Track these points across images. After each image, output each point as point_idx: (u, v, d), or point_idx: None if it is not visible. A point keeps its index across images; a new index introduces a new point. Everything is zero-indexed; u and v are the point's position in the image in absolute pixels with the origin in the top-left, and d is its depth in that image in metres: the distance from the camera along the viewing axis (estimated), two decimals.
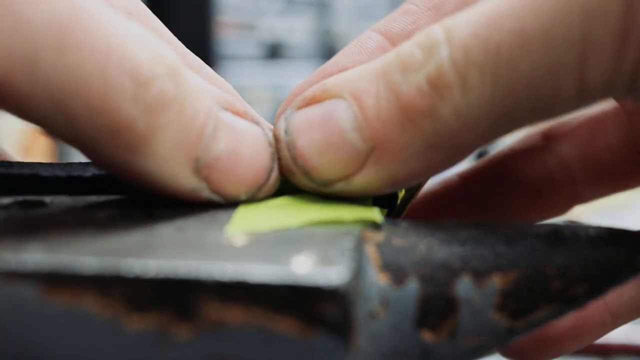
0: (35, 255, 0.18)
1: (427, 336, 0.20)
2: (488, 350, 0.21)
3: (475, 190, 0.31)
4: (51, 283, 0.18)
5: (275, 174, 0.23)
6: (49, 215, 0.22)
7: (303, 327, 0.17)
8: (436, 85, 0.21)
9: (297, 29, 1.63)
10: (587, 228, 0.22)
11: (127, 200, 0.24)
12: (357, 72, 0.22)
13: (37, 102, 0.19)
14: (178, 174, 0.21)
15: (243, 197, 0.23)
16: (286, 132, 0.23)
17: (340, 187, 0.23)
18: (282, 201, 0.24)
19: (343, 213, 0.22)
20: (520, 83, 0.20)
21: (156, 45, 0.21)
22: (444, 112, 0.21)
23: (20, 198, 0.24)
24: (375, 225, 0.22)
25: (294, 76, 1.64)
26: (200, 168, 0.22)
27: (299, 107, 0.23)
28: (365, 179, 0.22)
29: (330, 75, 0.24)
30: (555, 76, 0.20)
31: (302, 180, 0.23)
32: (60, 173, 0.25)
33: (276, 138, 0.23)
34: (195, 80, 0.22)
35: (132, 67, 0.20)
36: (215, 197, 0.22)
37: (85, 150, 0.21)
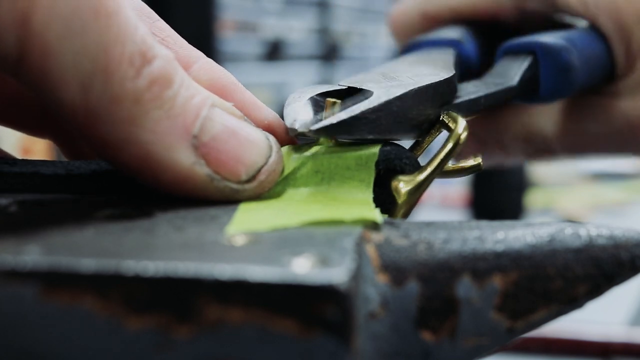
0: (35, 256, 0.18)
1: (427, 337, 0.20)
2: (488, 351, 0.21)
3: None
4: (50, 283, 0.18)
5: (273, 159, 0.24)
6: (49, 215, 0.22)
7: (303, 328, 0.17)
8: None
9: (298, 29, 1.63)
10: (587, 228, 0.22)
11: (127, 200, 0.24)
12: None
13: (59, 62, 0.21)
14: (176, 147, 0.22)
15: (244, 177, 0.23)
16: None
17: None
18: (282, 201, 0.24)
19: (343, 213, 0.22)
20: None
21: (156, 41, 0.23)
22: None
23: (19, 197, 0.24)
24: (375, 226, 0.22)
25: (295, 75, 1.64)
26: (197, 145, 0.23)
27: None
28: None
29: None
30: None
31: None
32: (61, 171, 0.25)
33: None
34: (188, 76, 0.23)
35: (143, 46, 0.22)
36: (216, 178, 0.23)
37: (86, 124, 0.22)
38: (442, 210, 1.24)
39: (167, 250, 0.19)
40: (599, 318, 0.59)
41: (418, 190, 0.24)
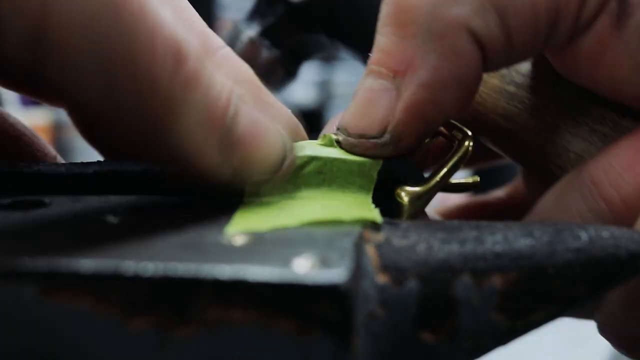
0: (35, 256, 0.18)
1: (427, 337, 0.20)
2: (488, 351, 0.21)
3: None
4: (50, 284, 0.18)
5: (289, 158, 0.24)
6: (48, 215, 0.22)
7: (302, 328, 0.17)
8: None
9: None
10: (587, 228, 0.22)
11: (127, 200, 0.24)
12: None
13: (80, 72, 0.20)
14: (206, 144, 0.22)
15: (265, 172, 0.24)
16: None
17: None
18: (282, 201, 0.24)
19: (343, 213, 0.22)
20: None
21: (185, 33, 0.23)
22: None
23: (19, 198, 0.24)
24: (375, 226, 0.22)
25: None
26: (225, 144, 0.23)
27: None
28: None
29: None
30: None
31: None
32: (61, 171, 0.25)
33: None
34: (216, 71, 0.23)
35: (174, 46, 0.22)
36: (240, 172, 0.23)
37: (113, 125, 0.22)
38: None
39: (167, 251, 0.19)
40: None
41: (422, 199, 0.25)
